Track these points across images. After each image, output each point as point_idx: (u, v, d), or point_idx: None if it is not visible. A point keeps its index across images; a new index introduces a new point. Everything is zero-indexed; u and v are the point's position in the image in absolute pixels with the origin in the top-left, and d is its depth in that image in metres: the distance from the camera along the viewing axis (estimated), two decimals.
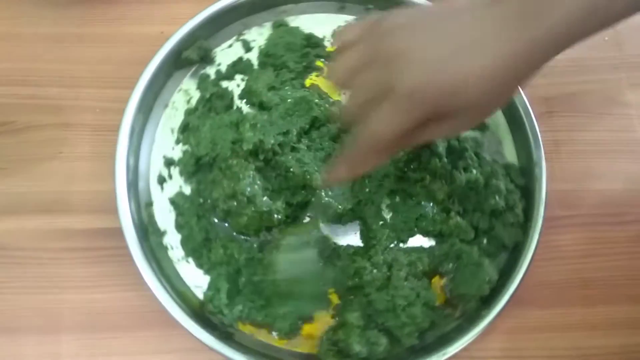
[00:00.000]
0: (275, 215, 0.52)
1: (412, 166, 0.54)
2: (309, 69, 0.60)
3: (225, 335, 0.50)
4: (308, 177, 0.52)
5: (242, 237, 0.54)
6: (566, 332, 0.55)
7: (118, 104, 0.58)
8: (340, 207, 0.53)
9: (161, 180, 0.56)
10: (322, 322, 0.52)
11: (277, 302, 0.51)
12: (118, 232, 0.52)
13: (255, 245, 0.53)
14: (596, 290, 0.57)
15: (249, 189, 0.51)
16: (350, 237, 0.55)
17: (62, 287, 0.54)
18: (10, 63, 0.61)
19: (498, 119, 0.60)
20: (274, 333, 0.52)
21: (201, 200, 0.55)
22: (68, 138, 0.59)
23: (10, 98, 0.60)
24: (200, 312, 0.52)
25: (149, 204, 0.55)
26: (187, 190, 0.56)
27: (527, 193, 0.55)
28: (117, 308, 0.53)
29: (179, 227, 0.55)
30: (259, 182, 0.52)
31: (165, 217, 0.55)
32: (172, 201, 0.55)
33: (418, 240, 0.55)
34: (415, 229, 0.55)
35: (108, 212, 0.54)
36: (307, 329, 0.52)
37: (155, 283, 0.50)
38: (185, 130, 0.58)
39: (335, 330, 0.50)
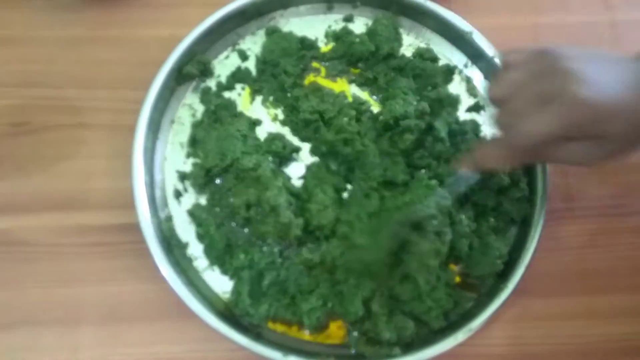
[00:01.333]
0: (294, 230, 0.52)
1: (418, 154, 0.57)
2: (306, 70, 0.62)
3: (256, 334, 0.52)
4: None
5: (262, 242, 0.56)
6: (568, 321, 0.57)
7: (133, 105, 0.60)
8: None
9: (177, 195, 0.58)
10: None
11: (301, 299, 0.52)
12: (134, 228, 0.54)
13: (275, 250, 0.55)
14: (597, 279, 0.58)
15: (273, 199, 0.52)
16: None
17: (82, 280, 0.56)
18: (27, 65, 0.63)
19: None
20: (306, 331, 0.54)
21: (217, 209, 0.57)
22: (84, 137, 0.61)
23: (27, 99, 0.62)
24: (229, 315, 0.53)
25: (168, 218, 0.57)
26: (203, 201, 0.58)
27: (528, 168, 0.57)
28: (134, 300, 0.55)
29: (200, 237, 0.56)
30: (284, 195, 0.53)
31: (186, 229, 0.57)
32: (191, 213, 0.57)
33: None
34: None
35: (124, 208, 0.56)
36: (334, 323, 0.54)
37: (172, 275, 0.52)
38: (194, 143, 0.59)
39: (362, 322, 0.52)
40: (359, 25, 0.64)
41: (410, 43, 0.64)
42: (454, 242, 0.53)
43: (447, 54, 0.64)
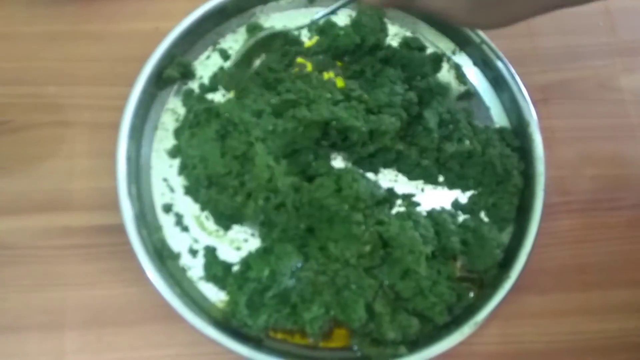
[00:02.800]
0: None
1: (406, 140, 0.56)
2: (291, 66, 0.60)
3: (256, 343, 0.51)
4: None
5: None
6: (564, 317, 0.56)
7: (116, 101, 0.58)
8: None
9: (167, 209, 0.56)
10: None
11: (303, 308, 0.50)
12: (118, 229, 0.52)
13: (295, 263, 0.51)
14: (593, 275, 0.57)
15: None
16: None
17: (64, 284, 0.54)
18: (6, 62, 0.61)
19: (483, 85, 0.61)
20: (310, 339, 0.52)
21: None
22: (66, 136, 0.59)
23: (7, 97, 0.60)
24: (227, 324, 0.52)
25: (158, 228, 0.55)
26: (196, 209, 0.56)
27: (524, 154, 0.56)
28: (119, 304, 0.54)
29: (192, 252, 0.55)
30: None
31: (177, 238, 0.55)
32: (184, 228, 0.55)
33: None
34: None
35: (108, 209, 0.54)
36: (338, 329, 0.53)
37: (157, 276, 0.50)
38: (177, 151, 0.57)
39: (366, 324, 0.50)
40: (343, 17, 0.62)
41: (396, 32, 0.62)
42: (444, 243, 0.52)
43: (435, 42, 0.63)
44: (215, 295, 0.53)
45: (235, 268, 0.53)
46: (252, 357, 0.49)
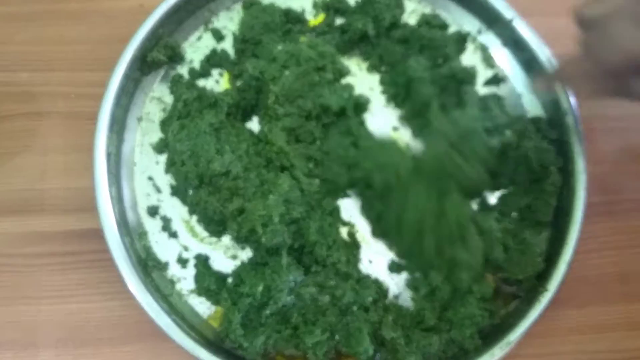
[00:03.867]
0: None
1: None
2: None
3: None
4: None
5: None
6: (604, 333, 0.50)
7: (95, 89, 0.52)
8: None
9: (153, 212, 0.49)
10: None
11: (305, 331, 0.44)
12: (97, 234, 0.46)
13: (292, 277, 0.45)
14: (637, 285, 0.51)
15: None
16: None
17: (37, 297, 0.48)
18: None
19: (514, 68, 0.54)
20: None
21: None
22: (40, 129, 0.52)
23: None
24: (220, 345, 0.46)
25: (143, 233, 0.48)
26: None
27: (561, 148, 0.50)
28: (99, 319, 0.48)
29: (181, 261, 0.49)
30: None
31: (165, 245, 0.49)
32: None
33: None
34: None
35: (85, 211, 0.48)
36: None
37: (141, 289, 0.44)
38: (164, 145, 0.50)
39: (379, 351, 0.45)
40: None
41: (413, 9, 0.55)
42: (488, 254, 0.46)
43: (457, 20, 0.55)
44: (208, 310, 0.47)
45: (230, 280, 0.47)
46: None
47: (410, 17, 0.55)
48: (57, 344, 0.47)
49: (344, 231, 0.49)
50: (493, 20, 0.54)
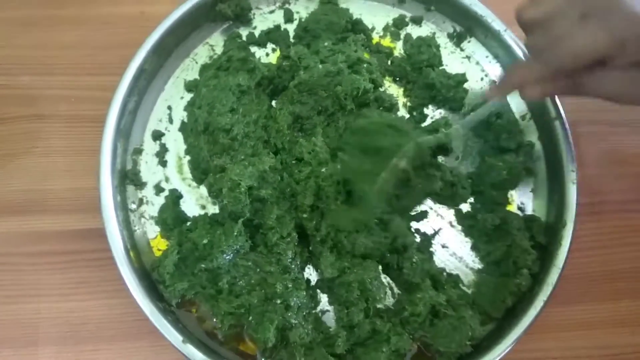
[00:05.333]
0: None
1: None
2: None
3: (173, 319, 0.46)
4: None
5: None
6: (591, 330, 0.51)
7: (96, 92, 0.54)
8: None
9: (156, 136, 0.53)
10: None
11: (225, 298, 0.46)
12: (98, 234, 0.47)
13: (237, 246, 0.46)
14: (624, 283, 0.52)
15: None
16: None
17: (38, 295, 0.49)
18: None
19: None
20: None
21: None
22: (41, 131, 0.53)
23: None
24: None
25: (138, 150, 0.52)
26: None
27: (545, 253, 0.50)
28: (99, 317, 0.49)
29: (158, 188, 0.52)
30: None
31: (151, 169, 0.52)
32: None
33: None
34: None
35: (86, 212, 0.49)
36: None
37: (138, 289, 0.45)
38: (194, 86, 0.54)
39: (276, 350, 0.46)
40: (425, 30, 0.58)
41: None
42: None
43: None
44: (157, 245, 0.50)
45: (188, 224, 0.49)
46: None
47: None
48: (57, 341, 0.48)
49: None
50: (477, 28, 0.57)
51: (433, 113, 0.55)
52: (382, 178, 0.44)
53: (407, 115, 0.55)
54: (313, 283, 0.50)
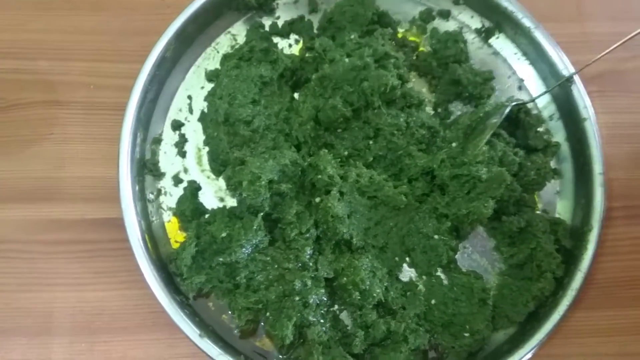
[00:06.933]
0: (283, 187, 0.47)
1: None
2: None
3: (190, 312, 0.46)
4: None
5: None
6: (612, 336, 0.50)
7: (115, 80, 0.53)
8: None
9: (176, 126, 0.52)
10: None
11: (242, 293, 0.45)
12: (116, 223, 0.46)
13: (255, 240, 0.46)
14: None
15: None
16: None
17: (53, 284, 0.48)
18: None
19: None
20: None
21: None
22: (59, 117, 0.52)
23: None
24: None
25: (157, 140, 0.51)
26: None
27: (570, 257, 0.49)
28: (114, 308, 0.48)
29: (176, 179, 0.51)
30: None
31: (170, 159, 0.51)
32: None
33: None
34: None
35: (104, 201, 0.49)
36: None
37: (155, 281, 0.45)
38: (216, 76, 0.53)
39: (293, 347, 0.46)
40: (453, 24, 0.57)
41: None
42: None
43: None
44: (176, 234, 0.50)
45: (206, 217, 0.49)
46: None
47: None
48: (72, 331, 0.47)
49: None
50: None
51: (458, 110, 0.54)
52: None
53: (432, 112, 0.54)
54: None
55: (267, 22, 0.55)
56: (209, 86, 0.53)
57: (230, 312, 0.47)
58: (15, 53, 0.54)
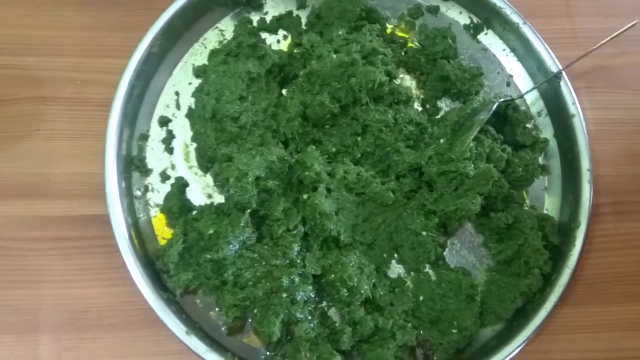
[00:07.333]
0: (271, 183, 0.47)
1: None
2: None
3: (177, 309, 0.46)
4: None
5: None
6: (600, 333, 0.50)
7: (102, 75, 0.52)
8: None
9: (163, 122, 0.52)
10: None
11: (229, 291, 0.45)
12: (102, 220, 0.46)
13: (243, 237, 0.46)
14: (635, 286, 0.51)
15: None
16: None
17: (39, 281, 0.48)
18: None
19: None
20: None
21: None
22: (46, 113, 0.52)
23: None
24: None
25: (144, 136, 0.51)
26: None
27: (557, 254, 0.49)
28: (101, 305, 0.48)
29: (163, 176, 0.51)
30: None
31: (157, 155, 0.51)
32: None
33: None
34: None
35: (91, 197, 0.48)
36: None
37: (142, 278, 0.45)
38: (203, 72, 0.53)
39: (280, 344, 0.46)
40: (441, 21, 0.57)
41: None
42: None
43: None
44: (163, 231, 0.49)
45: (193, 214, 0.48)
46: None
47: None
48: (58, 328, 0.47)
49: None
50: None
51: (447, 106, 0.54)
52: None
53: (420, 108, 0.54)
54: None
55: (255, 18, 0.55)
56: (197, 82, 0.53)
57: (217, 309, 0.47)
58: (3, 49, 0.54)
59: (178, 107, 0.52)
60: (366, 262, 0.47)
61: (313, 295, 0.46)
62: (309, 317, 0.46)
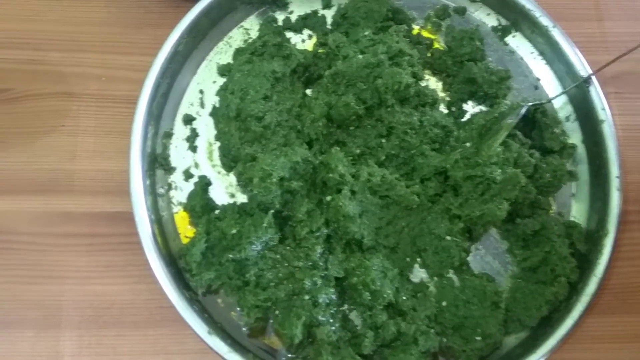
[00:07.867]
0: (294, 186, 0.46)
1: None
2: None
3: (199, 308, 0.45)
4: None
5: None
6: (627, 343, 0.49)
7: (127, 72, 0.52)
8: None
9: (187, 120, 0.52)
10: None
11: (251, 291, 0.45)
12: (126, 217, 0.46)
13: (265, 238, 0.45)
14: None
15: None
16: None
17: (62, 277, 0.48)
18: (7, 23, 0.55)
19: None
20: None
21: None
22: (71, 109, 0.52)
23: (6, 63, 0.53)
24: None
25: (168, 134, 0.51)
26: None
27: (584, 262, 0.48)
28: (123, 302, 0.48)
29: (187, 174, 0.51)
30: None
31: (181, 153, 0.51)
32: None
33: None
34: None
35: (114, 194, 0.48)
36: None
37: (165, 276, 0.44)
38: (227, 70, 0.53)
39: (302, 346, 0.46)
40: (469, 22, 0.56)
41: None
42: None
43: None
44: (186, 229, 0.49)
45: (216, 212, 0.48)
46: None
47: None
48: (80, 325, 0.47)
49: None
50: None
51: (473, 109, 0.53)
52: None
53: (446, 111, 0.53)
54: None
55: (280, 17, 0.55)
56: (221, 80, 0.52)
57: (239, 310, 0.46)
58: (27, 44, 0.54)
59: (202, 105, 0.52)
60: (389, 265, 0.47)
61: (335, 298, 0.46)
62: (331, 320, 0.45)
